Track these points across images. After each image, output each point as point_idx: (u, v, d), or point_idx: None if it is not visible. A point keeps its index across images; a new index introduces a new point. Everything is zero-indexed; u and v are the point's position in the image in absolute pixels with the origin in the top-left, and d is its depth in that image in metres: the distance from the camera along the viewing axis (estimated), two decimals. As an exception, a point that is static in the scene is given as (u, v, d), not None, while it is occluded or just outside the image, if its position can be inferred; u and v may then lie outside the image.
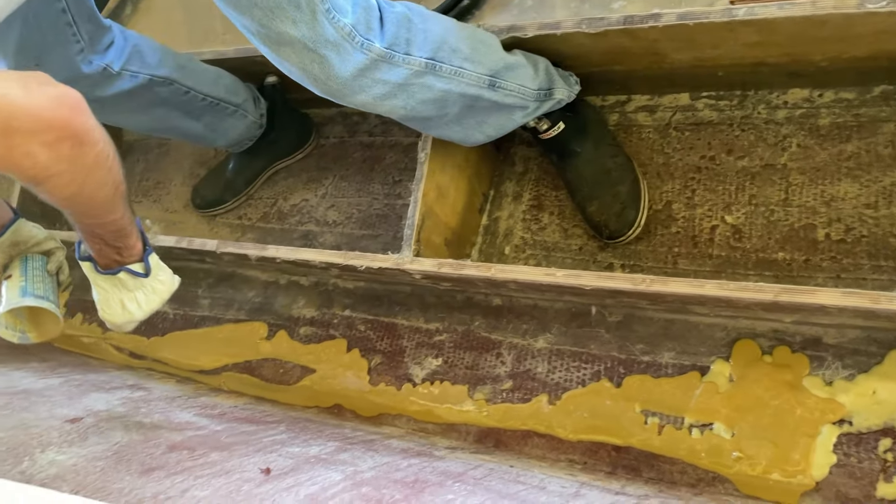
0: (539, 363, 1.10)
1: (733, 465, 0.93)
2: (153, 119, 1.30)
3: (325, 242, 1.41)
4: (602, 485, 0.89)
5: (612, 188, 1.11)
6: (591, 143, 1.13)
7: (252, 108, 1.41)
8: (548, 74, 1.08)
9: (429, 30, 0.96)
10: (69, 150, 0.72)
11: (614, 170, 1.12)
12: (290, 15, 0.84)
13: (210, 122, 1.37)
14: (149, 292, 1.02)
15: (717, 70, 1.07)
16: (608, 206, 1.11)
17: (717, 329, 1.00)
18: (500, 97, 1.03)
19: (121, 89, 1.20)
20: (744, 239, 1.05)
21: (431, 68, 0.96)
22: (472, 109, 1.05)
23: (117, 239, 0.94)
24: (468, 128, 1.08)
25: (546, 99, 1.09)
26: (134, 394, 1.16)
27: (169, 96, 1.27)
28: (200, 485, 0.79)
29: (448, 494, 0.80)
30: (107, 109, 1.23)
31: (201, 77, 1.31)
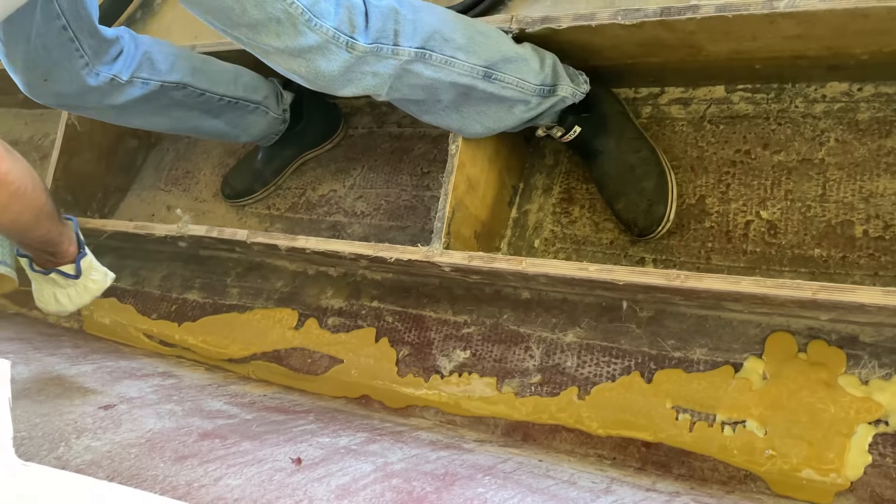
0: (568, 357, 1.10)
1: (766, 463, 0.92)
2: (172, 119, 1.31)
3: (353, 233, 1.41)
4: (632, 481, 0.88)
5: (637, 184, 1.10)
6: (613, 140, 1.12)
7: (274, 104, 1.41)
8: (554, 71, 1.07)
9: (419, 20, 0.96)
10: None
11: (638, 165, 1.11)
12: (272, 29, 0.87)
13: (231, 120, 1.37)
14: (80, 289, 1.20)
15: (755, 63, 1.05)
16: (635, 203, 1.10)
17: (751, 326, 0.99)
18: (496, 89, 1.03)
19: (132, 96, 1.21)
20: (779, 235, 1.04)
21: (421, 57, 0.96)
22: (468, 99, 1.04)
23: (47, 247, 1.11)
24: (466, 117, 1.07)
25: (549, 95, 1.08)
26: (165, 381, 1.18)
27: (184, 99, 1.28)
28: (233, 473, 0.80)
29: (478, 488, 0.80)
30: (123, 114, 1.25)
31: (217, 77, 1.31)
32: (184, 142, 1.74)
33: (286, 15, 0.86)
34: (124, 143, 1.71)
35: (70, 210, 1.58)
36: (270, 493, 0.75)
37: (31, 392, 1.05)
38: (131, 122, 1.30)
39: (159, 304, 1.53)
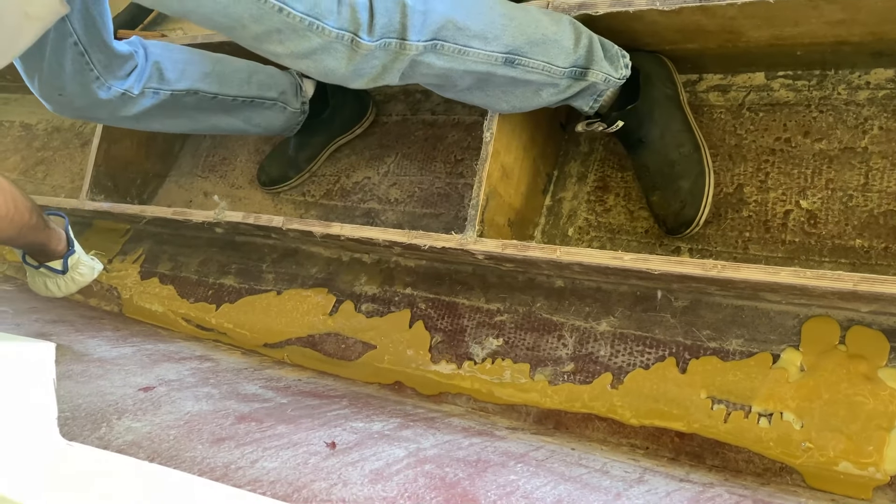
0: (602, 346, 1.09)
1: (802, 455, 0.91)
2: (189, 121, 1.34)
3: (386, 220, 1.42)
4: (665, 471, 0.88)
5: (674, 182, 1.07)
6: (658, 131, 1.08)
7: (292, 98, 1.41)
8: (589, 52, 1.03)
9: (430, 10, 0.92)
10: None
11: (678, 162, 1.08)
12: (274, 38, 0.88)
13: (248, 118, 1.39)
14: (68, 281, 1.39)
15: (796, 49, 1.03)
16: (668, 201, 1.08)
17: (789, 317, 0.97)
18: (519, 73, 1.00)
19: (144, 106, 1.24)
20: (819, 225, 1.02)
21: (432, 48, 0.93)
22: (488, 83, 1.02)
23: (35, 247, 1.27)
24: (490, 96, 1.06)
25: (579, 78, 1.04)
26: (202, 364, 1.20)
27: (197, 103, 1.30)
28: (269, 456, 0.81)
29: (510, 475, 0.80)
30: (140, 122, 1.29)
31: (230, 78, 1.32)
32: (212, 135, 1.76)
33: (285, 25, 0.86)
34: (162, 130, 1.74)
35: (110, 196, 1.61)
36: (305, 476, 0.76)
37: (74, 373, 1.08)
38: (150, 127, 1.34)
39: (196, 288, 1.56)
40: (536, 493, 0.75)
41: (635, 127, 1.09)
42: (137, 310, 1.60)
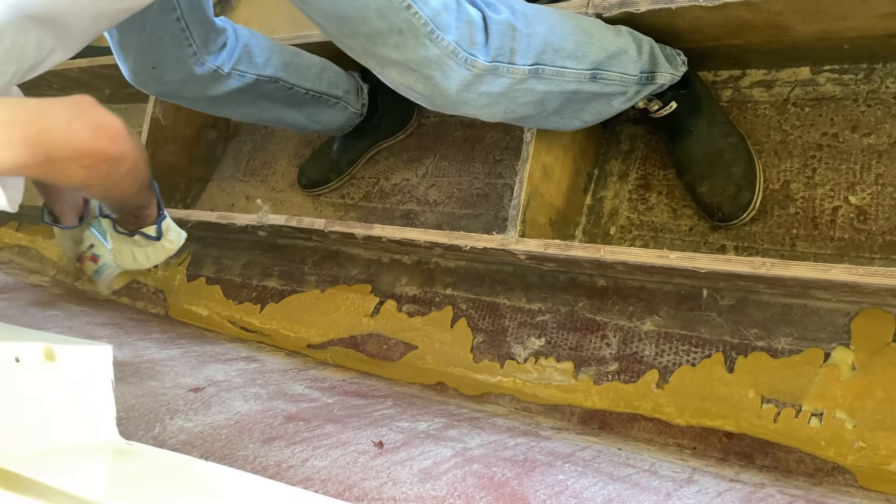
0: (646, 346, 1.08)
1: (855, 455, 0.90)
2: (257, 110, 1.35)
3: (426, 221, 1.42)
4: (715, 471, 0.87)
5: (726, 169, 1.07)
6: (705, 122, 1.09)
7: (354, 99, 1.43)
8: (652, 57, 1.04)
9: (532, 34, 0.92)
10: (105, 169, 0.82)
11: (728, 150, 1.08)
12: (392, 41, 0.84)
13: (311, 113, 1.40)
14: (157, 249, 1.25)
15: (843, 42, 1.01)
16: (721, 187, 1.07)
17: (839, 315, 0.96)
18: (599, 87, 1.00)
19: (230, 88, 1.25)
20: (869, 220, 1.00)
21: (534, 73, 0.93)
22: (572, 102, 1.02)
23: (136, 212, 1.16)
24: (566, 117, 1.06)
25: (647, 83, 1.05)
26: (248, 365, 1.22)
27: (273, 92, 1.31)
28: (319, 455, 0.82)
29: (558, 475, 0.80)
30: (214, 104, 1.30)
31: (306, 72, 1.34)
32: (261, 133, 1.79)
33: (409, 25, 0.83)
34: (205, 134, 1.77)
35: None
36: (356, 475, 0.77)
37: (126, 375, 1.10)
38: (220, 112, 1.35)
39: (240, 290, 1.58)
40: (586, 493, 0.75)
41: (684, 116, 1.09)
42: (183, 312, 1.63)
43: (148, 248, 1.25)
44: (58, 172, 0.78)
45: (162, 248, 1.26)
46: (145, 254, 1.26)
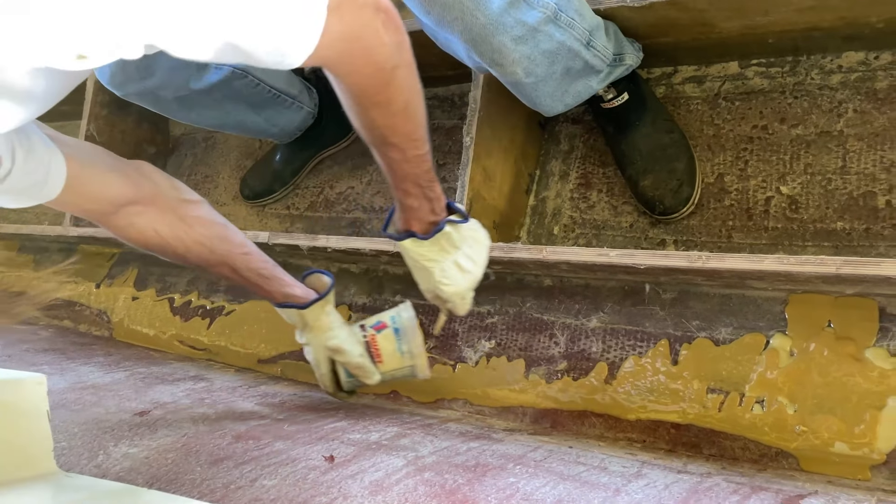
0: (593, 343, 1.10)
1: (797, 440, 0.92)
2: (223, 113, 1.35)
3: (372, 229, 1.42)
4: (663, 463, 0.89)
5: (669, 164, 1.09)
6: (650, 117, 1.11)
7: (307, 99, 1.43)
8: (617, 38, 1.06)
9: None
10: (396, 35, 0.68)
11: (671, 146, 1.10)
12: None
13: (270, 116, 1.40)
14: (472, 243, 0.94)
15: (768, 37, 1.04)
16: (664, 181, 1.09)
17: (776, 303, 0.98)
18: (590, 57, 1.01)
19: (208, 82, 1.24)
20: (800, 209, 1.03)
21: (555, 16, 0.93)
22: (569, 74, 1.02)
23: (430, 183, 0.86)
24: (555, 96, 1.04)
25: (617, 64, 1.07)
26: (196, 385, 1.20)
27: (241, 89, 1.30)
28: (268, 474, 0.81)
29: (510, 477, 0.80)
30: (186, 106, 1.29)
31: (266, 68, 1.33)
32: (201, 146, 1.76)
33: None
34: (143, 150, 1.73)
35: (94, 220, 1.60)
36: (306, 492, 0.77)
37: (68, 402, 1.07)
38: (189, 116, 1.34)
39: (187, 308, 1.55)
40: (536, 494, 0.76)
41: (633, 108, 1.11)
42: (128, 333, 1.59)
43: (464, 248, 0.93)
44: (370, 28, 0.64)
45: (475, 240, 0.94)
46: (468, 257, 0.94)
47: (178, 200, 0.93)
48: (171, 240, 0.93)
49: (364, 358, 1.05)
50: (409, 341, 1.05)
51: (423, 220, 0.89)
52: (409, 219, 0.89)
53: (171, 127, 1.81)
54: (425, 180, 0.85)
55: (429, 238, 0.89)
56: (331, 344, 1.04)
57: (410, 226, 0.90)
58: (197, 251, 0.95)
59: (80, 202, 0.86)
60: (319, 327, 1.05)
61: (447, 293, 0.95)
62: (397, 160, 0.80)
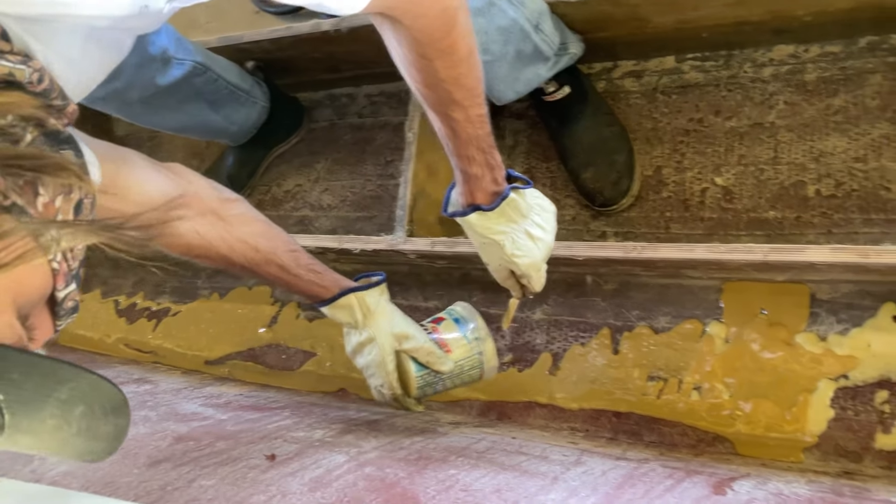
0: (538, 334, 1.11)
1: (733, 424, 0.94)
2: (184, 115, 1.34)
3: (320, 227, 1.41)
4: (603, 451, 0.90)
5: (609, 157, 1.11)
6: (591, 110, 1.13)
7: (259, 93, 1.42)
8: (561, 28, 1.07)
9: None
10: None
11: (611, 139, 1.12)
12: None
13: (228, 114, 1.39)
14: (539, 210, 0.87)
15: (701, 31, 1.06)
16: (604, 174, 1.11)
17: (712, 291, 1.01)
18: (539, 41, 1.01)
19: (173, 78, 1.23)
20: (735, 200, 1.05)
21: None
22: (520, 58, 1.02)
23: (491, 149, 0.81)
24: (507, 81, 1.04)
25: (563, 53, 1.08)
26: (140, 387, 1.18)
27: (202, 86, 1.30)
28: (207, 474, 0.80)
29: (451, 469, 0.81)
30: (150, 108, 1.27)
31: (220, 63, 1.34)
32: (146, 146, 1.73)
33: None
34: (86, 151, 1.70)
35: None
36: (244, 491, 0.76)
37: (5, 408, 1.05)
38: (152, 119, 1.32)
39: (132, 310, 1.53)
40: (476, 485, 0.76)
41: (574, 101, 1.12)
42: (72, 338, 1.56)
43: (532, 216, 0.85)
44: None
45: (540, 207, 0.87)
46: (536, 224, 0.86)
47: (218, 200, 0.87)
48: (215, 240, 0.86)
49: (434, 344, 0.95)
50: (474, 328, 0.97)
51: (487, 189, 0.82)
52: (473, 190, 0.83)
53: (115, 127, 1.77)
54: (487, 144, 0.80)
55: (495, 207, 0.82)
56: (398, 330, 0.94)
57: (475, 198, 0.83)
58: (241, 250, 0.88)
59: (120, 207, 0.74)
60: (383, 312, 0.95)
61: (523, 266, 0.86)
62: (461, 121, 0.76)
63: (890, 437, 0.87)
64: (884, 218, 0.96)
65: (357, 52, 1.27)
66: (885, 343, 0.90)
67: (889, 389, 0.89)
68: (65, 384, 0.40)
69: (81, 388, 0.41)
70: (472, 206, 0.83)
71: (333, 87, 1.50)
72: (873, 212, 0.97)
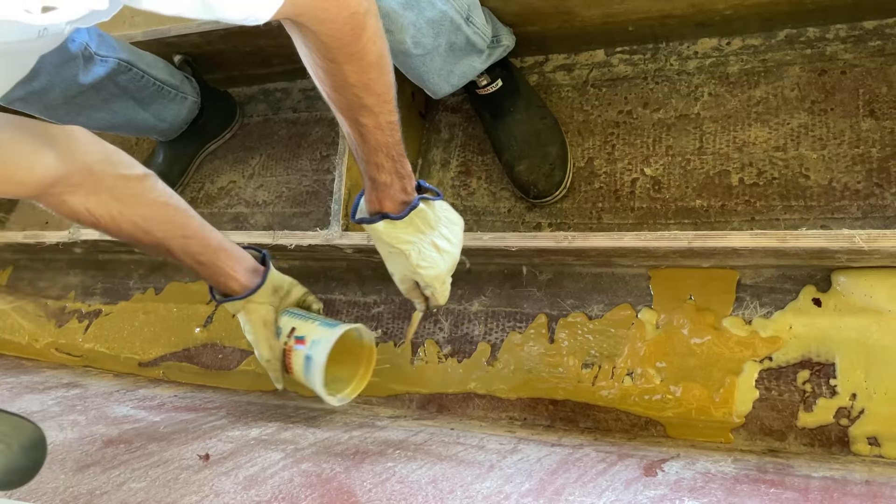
0: (475, 326, 1.12)
1: (664, 408, 0.97)
2: (110, 114, 1.30)
3: (256, 223, 1.39)
4: (540, 438, 0.91)
5: (542, 149, 1.13)
6: (524, 103, 1.14)
7: (190, 88, 1.39)
8: (492, 20, 1.07)
9: None
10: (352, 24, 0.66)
11: (544, 131, 1.13)
12: None
13: (157, 111, 1.35)
14: (447, 222, 0.87)
15: (628, 24, 1.08)
16: (537, 166, 1.12)
17: (642, 279, 1.03)
18: (471, 33, 1.01)
19: (97, 76, 1.20)
20: (663, 189, 1.08)
21: None
22: (453, 50, 1.02)
23: (401, 158, 0.81)
24: (443, 73, 1.05)
25: (496, 45, 1.09)
26: (69, 392, 1.14)
27: (128, 84, 1.26)
28: (137, 477, 0.79)
29: (388, 462, 0.81)
30: (75, 108, 1.23)
31: (147, 59, 1.30)
32: (73, 144, 1.68)
33: None
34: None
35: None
36: (176, 492, 0.75)
37: (-77, 418, 1.00)
38: (75, 120, 1.26)
39: (61, 313, 1.48)
40: (412, 476, 0.77)
41: (506, 95, 1.13)
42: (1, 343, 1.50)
43: (440, 228, 0.85)
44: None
45: (449, 220, 0.86)
46: (443, 237, 0.86)
47: (115, 177, 0.82)
48: (104, 218, 0.83)
49: (270, 364, 0.96)
50: (312, 376, 0.93)
51: (395, 198, 0.82)
52: (382, 198, 0.82)
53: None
54: (397, 153, 0.80)
55: (403, 217, 0.82)
56: (247, 339, 0.97)
57: (383, 206, 0.83)
58: (130, 231, 0.86)
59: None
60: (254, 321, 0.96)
61: (427, 277, 0.87)
62: (370, 127, 0.76)
63: (811, 415, 0.91)
64: (803, 205, 1.00)
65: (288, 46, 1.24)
66: (805, 325, 0.94)
67: (810, 369, 0.92)
68: None
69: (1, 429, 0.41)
70: (380, 214, 0.83)
71: (267, 81, 1.48)
72: (793, 199, 1.00)
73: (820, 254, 0.85)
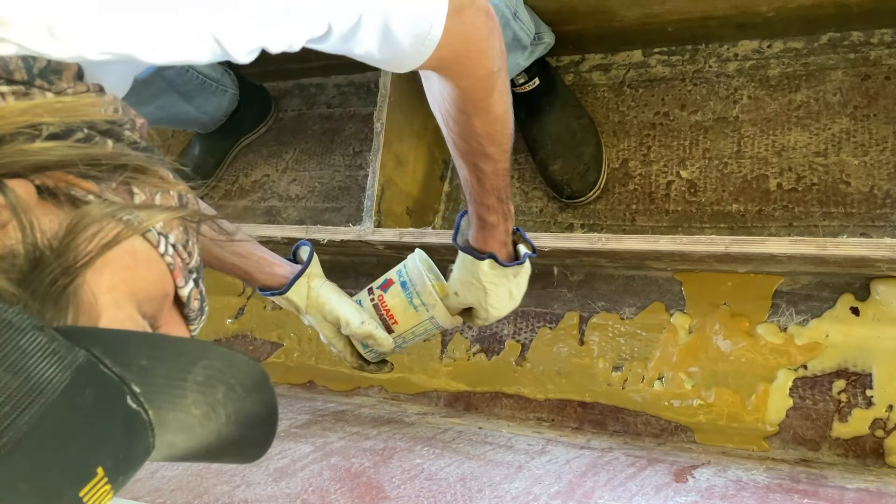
0: (504, 325, 1.12)
1: (695, 414, 0.96)
2: (157, 108, 1.32)
3: (288, 217, 1.40)
4: (568, 440, 0.91)
5: (577, 149, 1.12)
6: (560, 102, 1.13)
7: (229, 81, 1.40)
8: (534, 17, 1.07)
9: None
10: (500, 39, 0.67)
11: (579, 131, 1.13)
12: None
13: (200, 104, 1.38)
14: (524, 274, 0.88)
15: (667, 25, 1.07)
16: (572, 165, 1.12)
17: (675, 283, 1.02)
18: (518, 29, 1.01)
19: (146, 72, 1.21)
20: (699, 193, 1.07)
21: None
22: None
23: (508, 199, 0.82)
24: None
25: (538, 42, 1.08)
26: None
27: (174, 77, 1.28)
28: (170, 465, 0.80)
29: (416, 459, 0.81)
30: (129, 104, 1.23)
31: None
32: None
33: None
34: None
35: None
36: (208, 481, 0.76)
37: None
38: None
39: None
40: (440, 474, 0.77)
41: (544, 93, 1.13)
42: None
43: (520, 279, 0.88)
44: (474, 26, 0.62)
45: (527, 272, 0.89)
46: (519, 287, 0.89)
47: None
48: None
49: (368, 325, 0.88)
50: (422, 291, 0.89)
51: (499, 239, 0.84)
52: (488, 238, 0.84)
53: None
54: (505, 195, 0.81)
55: (510, 267, 0.84)
56: (331, 318, 0.89)
57: (488, 246, 0.84)
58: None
59: None
60: (314, 303, 0.90)
61: (492, 317, 0.89)
62: (488, 173, 0.77)
63: (846, 426, 0.90)
64: (843, 211, 0.98)
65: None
66: (842, 333, 0.92)
67: (846, 379, 0.91)
68: (196, 364, 0.36)
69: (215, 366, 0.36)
70: (487, 253, 0.84)
71: (302, 76, 1.49)
72: (832, 205, 0.99)
73: (860, 262, 0.84)
